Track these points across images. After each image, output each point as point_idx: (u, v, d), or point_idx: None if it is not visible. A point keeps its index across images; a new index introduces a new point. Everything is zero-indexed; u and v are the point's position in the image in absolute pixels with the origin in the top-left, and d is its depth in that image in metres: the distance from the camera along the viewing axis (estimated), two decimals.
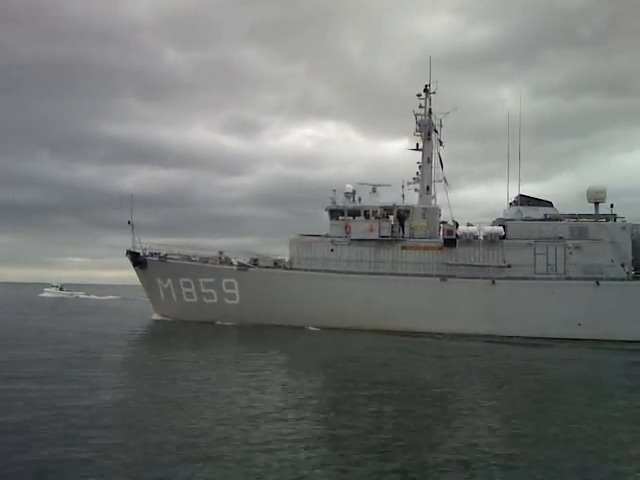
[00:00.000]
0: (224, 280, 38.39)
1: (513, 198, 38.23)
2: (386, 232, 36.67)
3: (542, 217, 36.15)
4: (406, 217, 37.30)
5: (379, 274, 36.36)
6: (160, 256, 39.96)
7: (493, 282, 34.65)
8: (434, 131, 37.57)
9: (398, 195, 38.40)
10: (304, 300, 36.60)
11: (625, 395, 17.79)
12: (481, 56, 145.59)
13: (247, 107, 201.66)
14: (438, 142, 37.53)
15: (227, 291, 38.33)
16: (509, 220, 36.28)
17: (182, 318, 38.83)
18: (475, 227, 35.99)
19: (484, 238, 35.31)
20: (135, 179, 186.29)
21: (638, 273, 34.48)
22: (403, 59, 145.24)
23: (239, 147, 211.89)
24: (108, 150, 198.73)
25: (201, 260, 39.98)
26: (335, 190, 38.82)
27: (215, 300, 38.69)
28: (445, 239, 36.09)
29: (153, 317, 41.09)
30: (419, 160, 39.11)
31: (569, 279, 34.44)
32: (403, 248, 36.65)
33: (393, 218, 37.19)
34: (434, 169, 38.57)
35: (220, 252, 40.84)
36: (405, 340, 31.25)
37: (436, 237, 37.15)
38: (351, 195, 38.92)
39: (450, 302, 34.73)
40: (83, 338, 29.33)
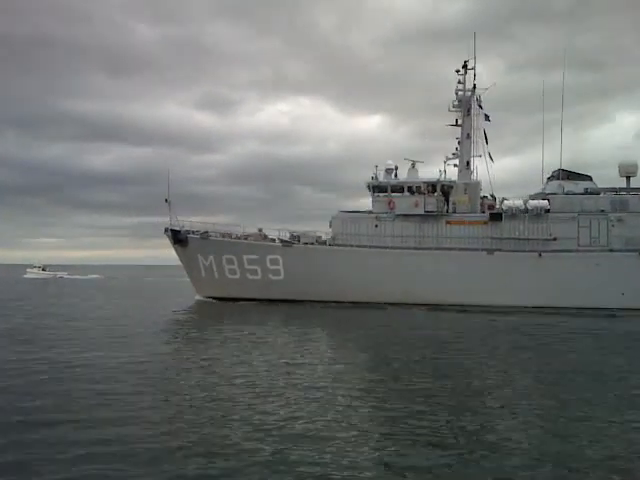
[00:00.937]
0: (269, 257, 38.56)
1: (551, 172, 39.05)
2: (432, 207, 37.16)
3: (582, 191, 37.04)
4: (449, 192, 37.83)
5: (425, 249, 36.93)
6: (202, 233, 39.90)
7: (540, 255, 35.50)
8: (479, 107, 37.91)
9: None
10: (349, 276, 37.03)
11: None
12: (454, 30, 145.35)
13: (220, 83, 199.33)
14: (484, 117, 37.85)
15: (272, 267, 38.54)
16: (551, 194, 37.03)
17: (223, 295, 38.98)
18: (520, 201, 36.64)
19: (530, 212, 35.99)
20: (105, 157, 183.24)
21: None
22: (377, 34, 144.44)
23: (212, 124, 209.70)
24: (77, 128, 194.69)
25: (241, 237, 40.08)
26: (377, 166, 39.14)
27: (259, 276, 38.90)
28: (491, 213, 36.71)
29: (196, 297, 41.04)
30: (458, 136, 39.60)
31: (612, 251, 35.45)
32: (448, 223, 37.22)
33: (437, 194, 37.67)
34: (474, 144, 39.04)
35: (259, 229, 41.00)
36: (467, 317, 31.96)
37: (477, 212, 37.77)
38: (392, 171, 39.27)
39: (497, 275, 35.50)
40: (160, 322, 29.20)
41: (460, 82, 39.43)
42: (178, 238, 40.18)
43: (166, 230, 40.82)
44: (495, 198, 38.59)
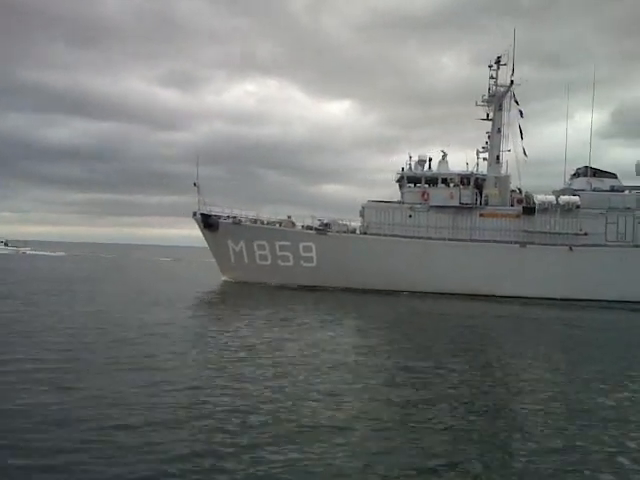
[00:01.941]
0: (301, 244, 38.70)
1: (575, 169, 40.41)
2: (467, 199, 37.93)
3: (608, 188, 38.53)
4: (483, 185, 38.66)
5: (458, 240, 37.74)
6: (233, 218, 39.69)
7: (570, 249, 36.80)
8: (515, 102, 38.73)
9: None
10: (382, 264, 37.52)
11: None
12: (425, 20, 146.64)
13: (186, 60, 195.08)
14: (519, 113, 38.72)
15: (304, 254, 38.69)
16: (580, 190, 38.34)
17: (252, 280, 38.94)
18: (552, 196, 37.80)
19: (562, 207, 37.19)
20: (65, 130, 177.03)
21: None
22: (348, 18, 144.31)
23: (177, 101, 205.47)
24: (35, 99, 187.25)
25: (273, 224, 40.11)
26: (411, 157, 39.63)
27: (291, 263, 39.01)
28: (524, 207, 37.76)
29: (222, 278, 41.03)
30: (488, 130, 40.40)
31: (637, 247, 37.07)
32: (481, 215, 38.09)
33: (471, 186, 38.43)
34: (503, 139, 39.90)
35: (288, 216, 41.03)
36: (501, 309, 32.87)
37: (506, 205, 38.76)
38: (425, 162, 39.82)
39: (529, 267, 36.64)
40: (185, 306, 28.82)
41: (492, 77, 40.19)
42: (209, 222, 39.83)
43: (195, 214, 40.39)
44: (521, 191, 39.62)
